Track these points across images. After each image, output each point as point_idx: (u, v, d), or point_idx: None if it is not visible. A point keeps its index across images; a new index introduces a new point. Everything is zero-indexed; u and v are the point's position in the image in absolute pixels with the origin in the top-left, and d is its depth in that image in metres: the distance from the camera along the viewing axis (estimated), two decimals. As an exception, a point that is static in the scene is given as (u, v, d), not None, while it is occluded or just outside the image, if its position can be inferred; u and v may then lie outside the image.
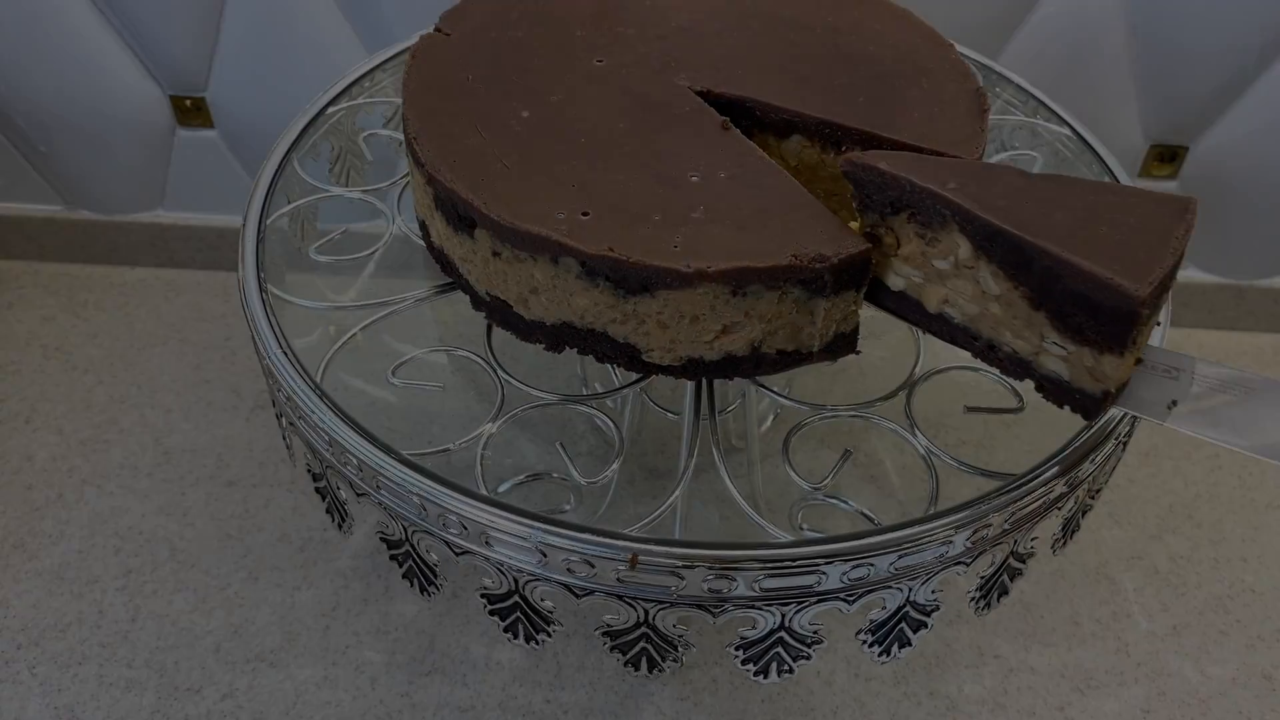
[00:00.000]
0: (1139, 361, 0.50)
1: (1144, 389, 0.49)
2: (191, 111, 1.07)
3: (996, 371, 0.54)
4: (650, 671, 0.57)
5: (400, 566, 0.59)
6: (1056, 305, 0.47)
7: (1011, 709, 0.83)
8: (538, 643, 0.57)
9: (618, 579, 0.51)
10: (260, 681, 0.83)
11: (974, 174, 0.50)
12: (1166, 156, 1.02)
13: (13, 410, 1.04)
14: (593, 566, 0.51)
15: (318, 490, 0.63)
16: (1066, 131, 0.78)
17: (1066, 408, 0.50)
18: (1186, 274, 1.11)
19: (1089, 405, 0.50)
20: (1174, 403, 0.48)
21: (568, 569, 0.51)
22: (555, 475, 0.69)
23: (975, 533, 0.53)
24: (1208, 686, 0.84)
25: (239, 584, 0.90)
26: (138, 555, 0.92)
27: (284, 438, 0.66)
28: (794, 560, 0.50)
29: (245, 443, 1.01)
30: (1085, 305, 0.46)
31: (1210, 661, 0.86)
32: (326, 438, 0.56)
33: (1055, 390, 0.51)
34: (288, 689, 0.83)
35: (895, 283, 0.55)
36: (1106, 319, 0.46)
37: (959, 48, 0.70)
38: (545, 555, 0.51)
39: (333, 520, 0.63)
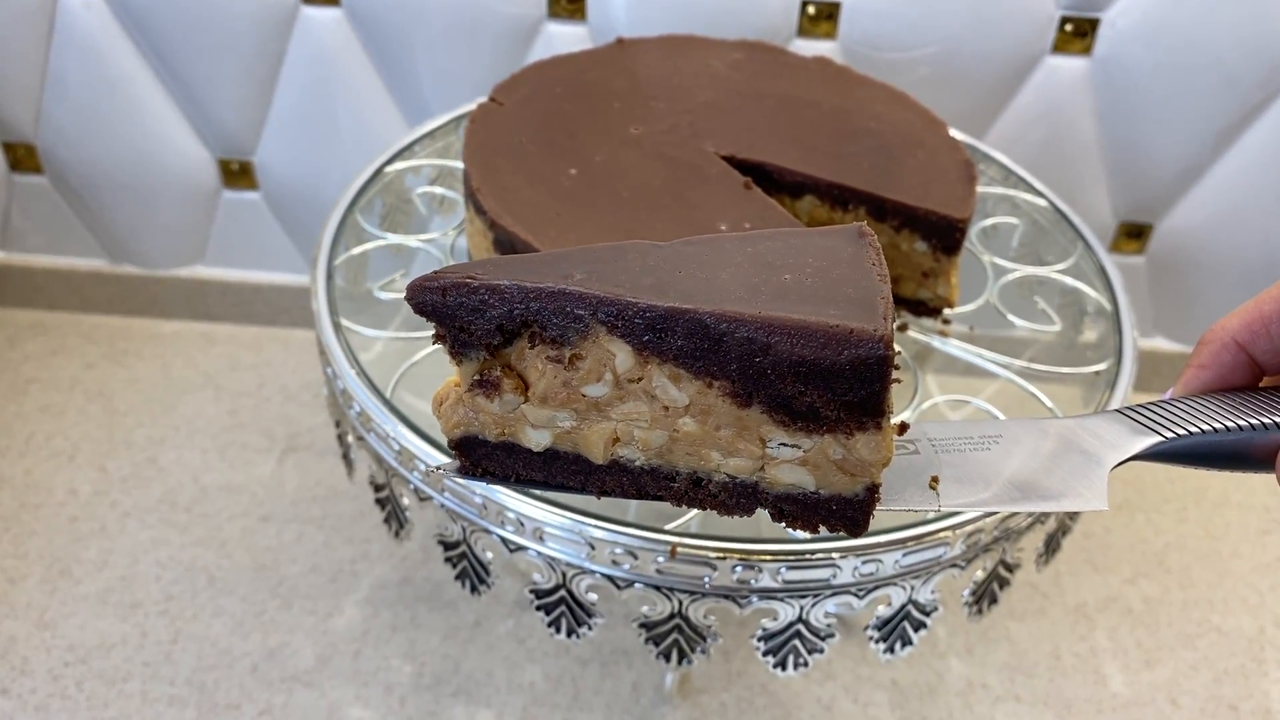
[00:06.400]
0: (904, 429, 0.40)
1: (891, 477, 0.39)
2: (238, 174, 1.16)
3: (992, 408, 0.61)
4: (680, 662, 0.63)
5: (454, 567, 0.66)
6: (773, 391, 0.36)
7: (999, 733, 0.89)
8: (578, 635, 0.63)
9: (657, 570, 0.58)
10: (295, 700, 0.89)
11: (599, 257, 0.39)
12: (1134, 233, 1.12)
13: (57, 448, 1.10)
14: (635, 558, 0.58)
15: (378, 501, 0.70)
16: (1043, 203, 0.87)
17: (823, 530, 0.40)
18: (1154, 342, 1.20)
19: (852, 513, 0.39)
20: (935, 479, 0.39)
21: (613, 560, 0.58)
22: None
23: (970, 537, 0.60)
24: (1179, 715, 0.91)
25: (274, 610, 0.95)
26: (178, 583, 0.97)
27: (345, 456, 0.73)
28: (813, 554, 0.57)
29: (278, 482, 1.08)
30: (814, 375, 0.35)
31: (1181, 693, 0.92)
32: (396, 447, 0.63)
33: (802, 511, 0.39)
34: (321, 707, 0.88)
35: (537, 439, 0.40)
36: (847, 382, 0.35)
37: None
38: (593, 548, 0.58)
39: (389, 528, 0.70)
